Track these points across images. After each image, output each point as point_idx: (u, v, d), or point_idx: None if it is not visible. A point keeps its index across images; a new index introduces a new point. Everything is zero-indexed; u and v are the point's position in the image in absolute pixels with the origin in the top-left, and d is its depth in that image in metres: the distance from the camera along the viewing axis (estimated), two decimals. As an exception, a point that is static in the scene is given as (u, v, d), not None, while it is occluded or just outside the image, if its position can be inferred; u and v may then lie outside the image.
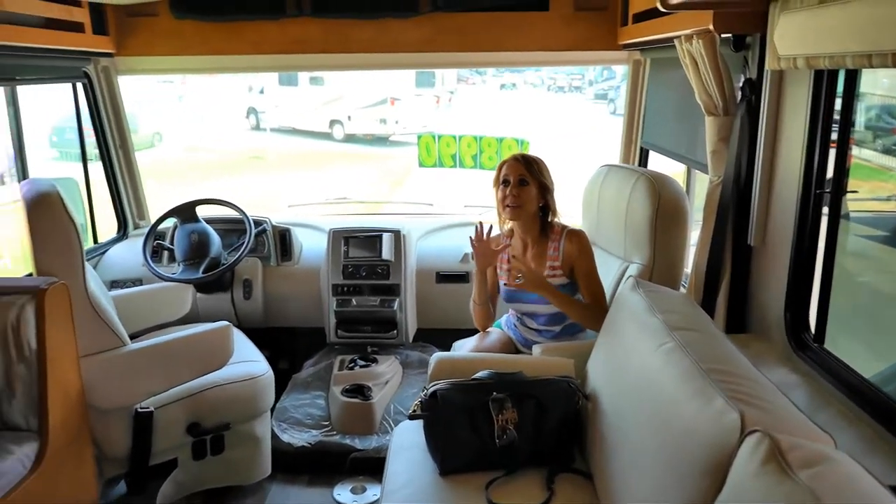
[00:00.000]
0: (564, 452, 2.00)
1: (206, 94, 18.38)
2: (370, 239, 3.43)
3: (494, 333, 2.66)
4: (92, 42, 3.28)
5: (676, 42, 2.37)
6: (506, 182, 2.44)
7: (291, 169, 13.42)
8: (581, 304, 2.43)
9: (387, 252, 3.39)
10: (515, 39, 3.42)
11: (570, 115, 18.82)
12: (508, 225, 2.54)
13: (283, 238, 3.52)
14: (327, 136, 16.07)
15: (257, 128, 17.20)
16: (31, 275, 2.39)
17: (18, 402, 1.99)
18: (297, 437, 2.95)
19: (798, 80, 2.02)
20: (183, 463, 2.58)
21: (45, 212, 2.18)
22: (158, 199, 4.09)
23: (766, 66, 1.98)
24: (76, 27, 3.15)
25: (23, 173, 3.10)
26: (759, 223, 2.21)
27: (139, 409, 2.40)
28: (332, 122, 16.10)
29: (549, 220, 2.49)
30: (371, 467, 2.85)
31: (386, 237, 3.41)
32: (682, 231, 2.47)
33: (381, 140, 15.88)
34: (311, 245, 3.61)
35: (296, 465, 2.91)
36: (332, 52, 3.51)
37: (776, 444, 1.18)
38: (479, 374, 2.02)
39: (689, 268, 2.57)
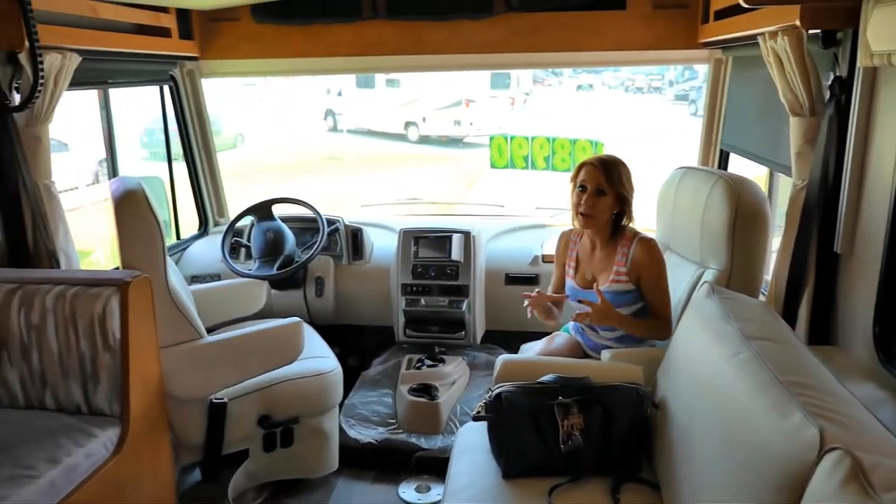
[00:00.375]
0: (631, 461, 1.95)
1: (286, 97, 18.95)
2: (440, 239, 3.44)
3: (562, 337, 2.62)
4: (178, 46, 3.42)
5: (760, 39, 2.27)
6: (583, 187, 2.37)
7: (367, 170, 13.65)
8: (645, 323, 2.38)
9: (456, 253, 3.40)
10: (591, 39, 3.36)
11: (649, 117, 18.38)
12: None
13: (355, 237, 3.57)
14: (402, 138, 16.27)
15: (335, 129, 17.59)
16: (117, 268, 2.52)
17: (103, 389, 2.09)
18: (363, 434, 3.00)
19: (893, 77, 1.89)
20: (254, 454, 2.66)
21: (131, 208, 2.29)
22: (240, 198, 4.22)
23: (858, 64, 1.87)
24: (164, 32, 3.30)
25: (113, 172, 3.27)
26: (846, 229, 2.08)
27: (214, 400, 2.48)
28: (408, 124, 16.29)
29: (623, 224, 2.43)
30: (436, 467, 2.86)
31: (456, 238, 3.42)
32: (762, 236, 2.37)
33: (454, 141, 15.96)
34: (383, 244, 3.65)
35: (362, 461, 2.95)
36: (407, 53, 3.54)
37: (858, 464, 1.11)
38: (544, 378, 1.99)
39: (769, 275, 2.45)
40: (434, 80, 15.37)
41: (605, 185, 2.34)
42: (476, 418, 1.96)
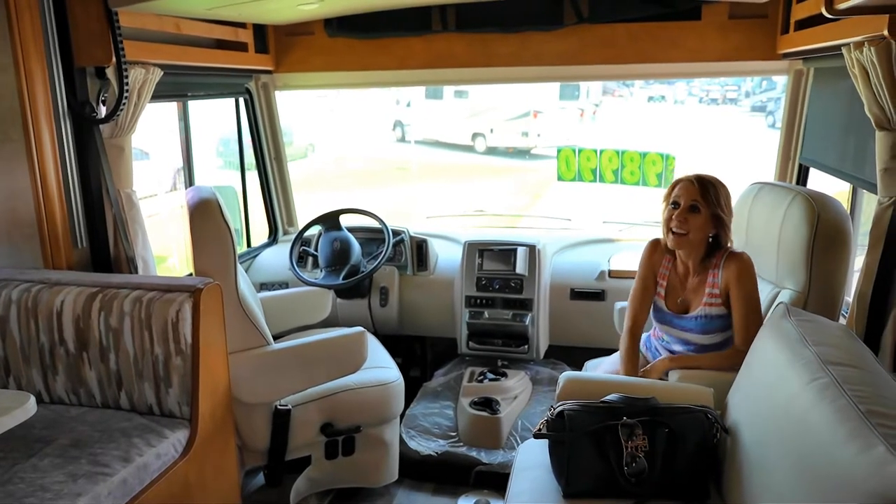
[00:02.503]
0: (698, 486, 1.88)
1: (356, 108, 19.31)
2: (505, 252, 3.42)
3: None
4: (254, 60, 3.54)
5: (844, 50, 2.17)
6: (675, 204, 2.29)
7: (433, 180, 13.75)
8: (723, 355, 2.28)
9: (521, 266, 3.37)
10: (665, 51, 3.29)
11: (724, 129, 17.85)
12: None
13: (420, 248, 3.59)
14: (469, 149, 16.31)
15: (403, 140, 17.80)
16: (191, 275, 2.61)
17: (174, 391, 2.16)
18: (424, 446, 3.00)
19: None
20: (316, 461, 2.70)
21: (205, 217, 2.37)
22: (310, 207, 4.31)
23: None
24: (241, 47, 3.42)
25: (189, 181, 3.40)
26: (937, 250, 1.96)
27: (278, 406, 2.54)
28: (475, 135, 16.32)
29: (720, 247, 2.31)
30: (495, 482, 2.84)
31: (521, 251, 3.39)
32: (843, 256, 2.25)
33: (522, 153, 15.89)
34: (447, 256, 3.66)
35: (422, 472, 2.95)
36: (476, 66, 3.55)
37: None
38: (609, 397, 1.94)
39: (849, 297, 2.33)
40: (502, 91, 15.35)
41: (699, 200, 2.25)
42: (537, 436, 1.93)
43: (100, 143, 2.53)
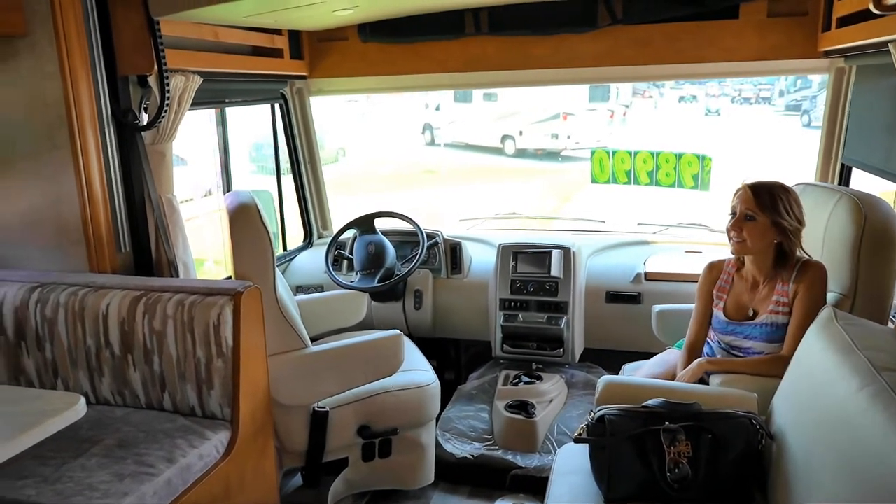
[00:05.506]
0: (743, 494, 1.85)
1: (386, 112, 19.42)
2: (539, 255, 3.41)
3: (673, 358, 2.52)
4: (289, 66, 3.58)
5: (892, 47, 2.12)
6: (733, 213, 2.26)
7: (462, 183, 13.75)
8: (763, 360, 2.24)
9: (556, 269, 3.35)
10: (701, 50, 3.25)
11: (757, 129, 17.56)
12: None
13: (454, 251, 3.60)
14: (498, 151, 16.30)
15: (432, 143, 17.85)
16: (229, 277, 2.65)
17: (216, 393, 2.19)
18: (459, 448, 3.00)
19: None
20: (353, 463, 2.71)
21: (244, 221, 2.40)
22: (342, 211, 4.35)
23: None
24: (277, 53, 3.46)
25: (227, 185, 3.45)
26: None
27: (316, 408, 2.56)
28: (504, 138, 16.30)
29: (791, 256, 2.25)
30: (531, 486, 2.82)
31: (555, 254, 3.37)
32: (891, 258, 2.19)
33: (551, 155, 15.82)
34: (481, 259, 3.66)
35: (458, 475, 2.95)
36: (510, 68, 3.55)
37: None
38: (650, 402, 1.92)
39: (899, 300, 2.27)
40: (532, 93, 15.32)
41: (754, 209, 2.21)
42: (578, 440, 1.92)
43: (142, 149, 2.58)
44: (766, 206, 2.19)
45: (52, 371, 2.31)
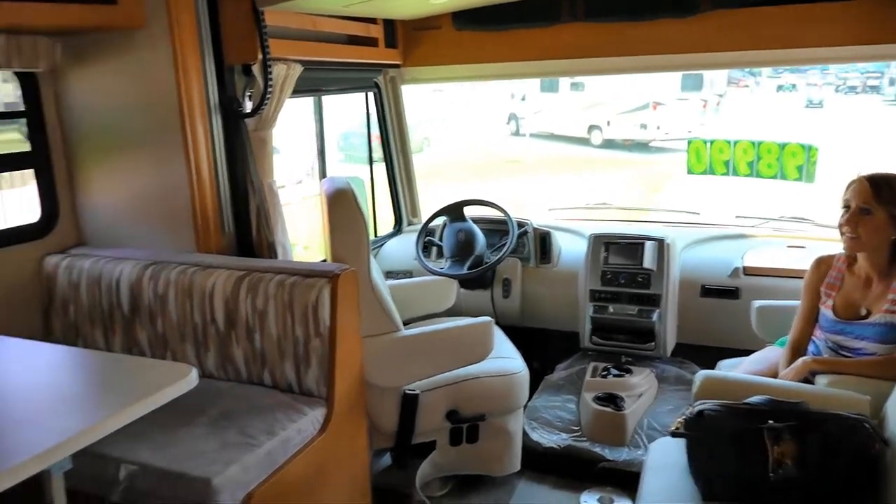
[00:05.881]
0: (853, 501, 1.75)
1: (471, 102, 19.43)
2: (632, 246, 3.33)
3: (774, 355, 2.42)
4: (384, 55, 3.63)
5: None
6: (847, 206, 2.15)
7: (547, 173, 13.61)
8: (873, 362, 2.12)
9: (649, 261, 3.27)
10: (810, 34, 3.07)
11: (864, 119, 16.51)
12: None
13: (544, 240, 3.57)
14: (585, 142, 16.03)
15: (517, 133, 17.75)
16: (324, 261, 2.73)
17: (313, 372, 2.26)
18: (546, 438, 2.98)
19: None
20: (441, 446, 2.75)
21: (342, 206, 2.46)
22: (427, 200, 4.39)
23: None
24: (372, 42, 3.52)
25: (322, 172, 3.54)
26: None
27: (407, 391, 2.60)
28: (591, 128, 16.02)
29: None
30: (619, 479, 2.78)
31: (649, 245, 3.29)
32: None
33: (640, 146, 15.43)
34: (570, 249, 3.61)
35: (544, 465, 2.94)
36: (604, 56, 3.47)
37: None
38: (752, 399, 1.85)
39: None
40: (620, 82, 14.96)
41: (871, 202, 2.09)
42: (675, 434, 1.87)
43: (245, 136, 2.69)
44: (885, 200, 2.07)
45: (163, 344, 2.45)
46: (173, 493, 1.85)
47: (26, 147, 2.65)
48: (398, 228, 4.14)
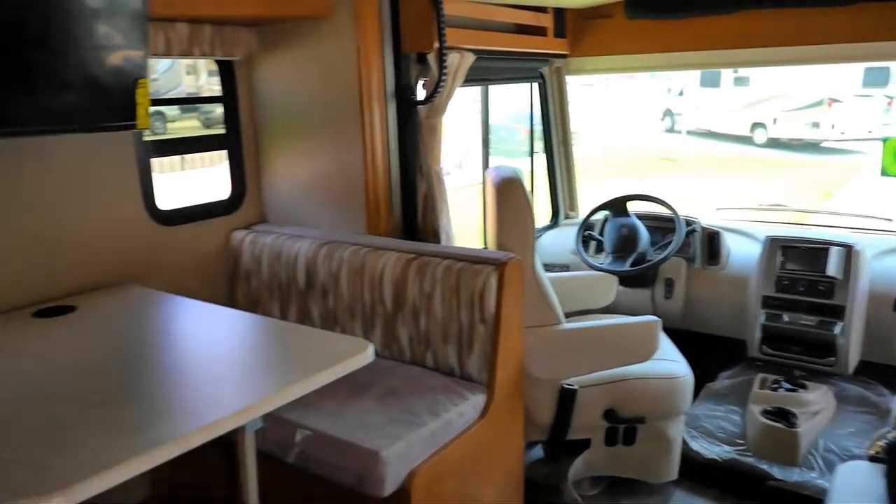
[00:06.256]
0: None
1: (623, 97, 18.83)
2: (814, 251, 3.07)
3: None
4: (552, 45, 3.59)
5: None
6: None
7: (704, 173, 12.92)
8: None
9: (833, 268, 3.00)
10: None
11: None
12: None
13: (712, 240, 3.38)
14: (747, 140, 15.05)
15: (672, 130, 16.99)
16: (484, 248, 2.74)
17: (476, 358, 2.28)
18: (707, 448, 2.83)
19: None
20: (595, 445, 2.68)
21: (510, 194, 2.45)
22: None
23: None
24: (540, 31, 3.49)
25: (486, 162, 3.56)
26: None
27: (565, 385, 2.56)
28: (754, 126, 15.01)
29: None
30: (789, 501, 2.58)
31: (834, 251, 3.02)
32: None
33: (809, 146, 14.26)
34: (741, 251, 3.39)
35: (704, 476, 2.79)
36: (789, 45, 3.22)
37: None
38: (971, 428, 1.64)
39: None
40: (791, 77, 13.88)
41: None
42: (874, 459, 1.70)
43: (417, 123, 2.75)
44: None
45: (333, 319, 2.57)
46: (343, 460, 1.93)
47: (209, 132, 2.87)
48: (555, 221, 4.09)
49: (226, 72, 2.82)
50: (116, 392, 1.61)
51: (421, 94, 2.78)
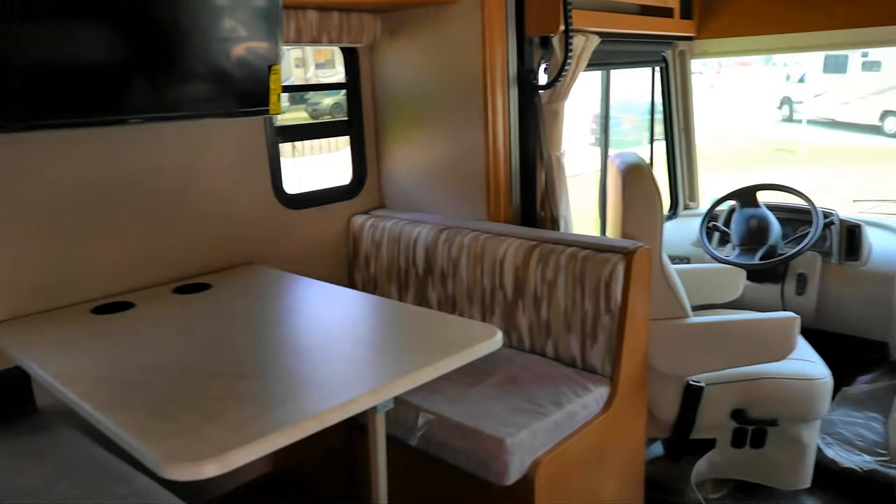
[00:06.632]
0: None
1: (736, 85, 17.92)
2: (974, 248, 2.80)
3: None
4: (677, 27, 3.43)
5: None
6: None
7: (826, 164, 12.10)
8: None
9: None
10: None
11: None
12: None
13: (852, 234, 3.14)
14: (876, 130, 13.96)
15: (790, 119, 16.01)
16: (602, 234, 2.64)
17: (599, 348, 2.22)
18: (844, 457, 2.64)
19: None
20: (720, 446, 2.56)
21: (638, 181, 2.36)
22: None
23: None
24: (666, 13, 3.34)
25: (605, 147, 3.46)
26: None
27: (691, 382, 2.45)
28: (885, 114, 13.88)
29: None
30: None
31: None
32: None
33: (950, 136, 13.07)
34: (884, 246, 3.14)
35: (839, 487, 2.60)
36: None
37: None
38: None
39: None
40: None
41: None
42: None
43: (539, 108, 2.70)
44: None
45: (451, 304, 2.57)
46: (466, 446, 1.92)
47: (325, 119, 2.93)
48: (673, 212, 3.93)
49: (350, 59, 2.86)
50: (254, 367, 1.66)
51: (542, 78, 2.72)
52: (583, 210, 4.00)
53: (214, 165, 2.45)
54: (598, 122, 3.59)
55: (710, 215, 3.37)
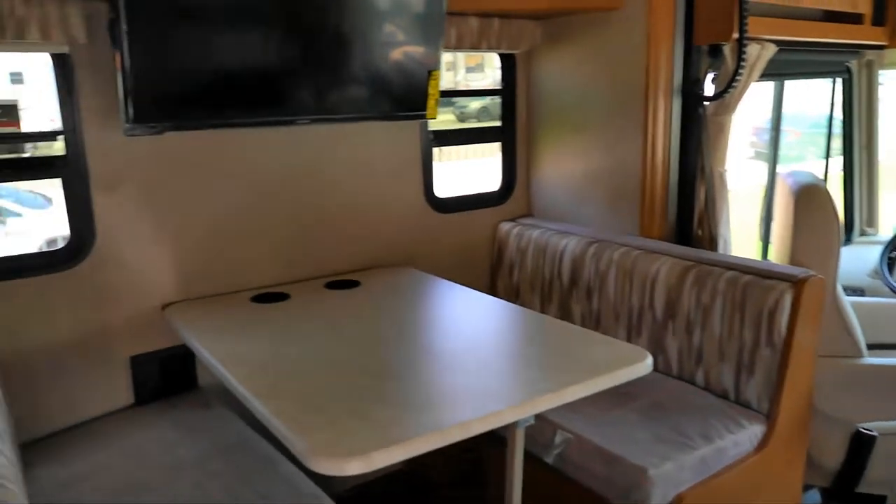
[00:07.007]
0: None
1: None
2: None
3: None
4: (867, 34, 3.12)
5: None
6: None
7: None
8: None
9: None
10: None
11: None
12: None
13: None
14: None
15: None
16: (764, 258, 2.44)
17: (756, 382, 2.05)
18: None
19: None
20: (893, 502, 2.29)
21: (813, 204, 2.17)
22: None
23: None
24: (855, 19, 3.04)
25: (773, 163, 3.21)
26: None
27: (861, 429, 2.21)
28: None
29: None
30: None
31: None
32: None
33: None
34: None
35: None
36: None
37: None
38: None
39: None
40: None
41: None
42: None
43: (703, 120, 2.54)
44: None
45: (595, 320, 2.48)
46: (606, 471, 1.84)
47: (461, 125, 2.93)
48: (848, 237, 3.57)
49: (507, 65, 2.85)
50: (398, 367, 1.69)
51: (709, 89, 2.56)
52: (736, 228, 3.73)
53: (370, 166, 2.52)
54: (766, 134, 3.35)
55: (894, 244, 3.03)
